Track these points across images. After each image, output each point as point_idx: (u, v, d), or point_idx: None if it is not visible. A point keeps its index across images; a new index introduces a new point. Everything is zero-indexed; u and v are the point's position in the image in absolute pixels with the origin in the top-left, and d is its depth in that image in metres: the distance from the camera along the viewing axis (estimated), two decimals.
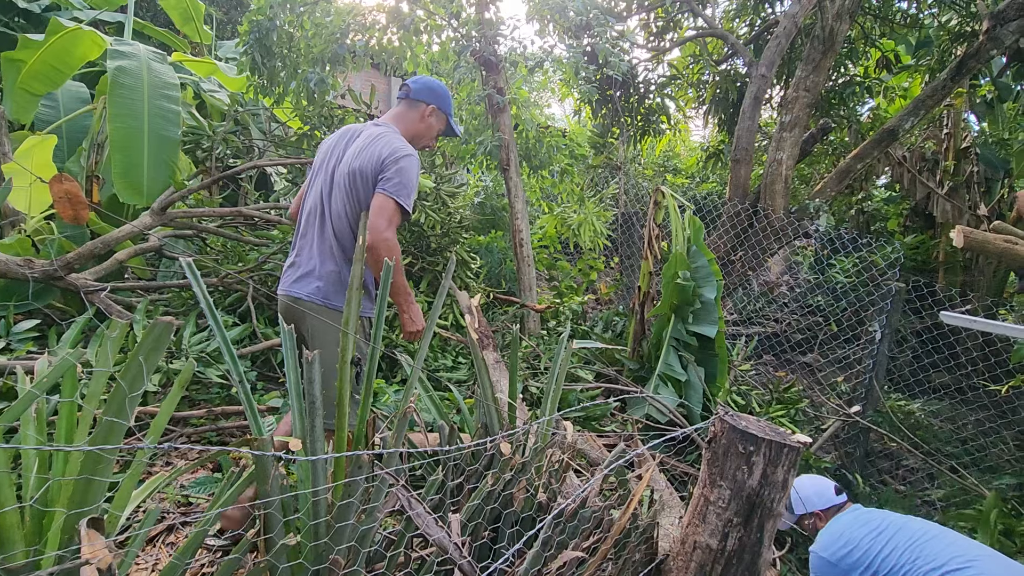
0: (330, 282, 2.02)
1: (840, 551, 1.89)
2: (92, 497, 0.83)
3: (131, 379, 0.82)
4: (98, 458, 0.81)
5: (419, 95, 2.27)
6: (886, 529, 1.88)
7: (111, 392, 0.82)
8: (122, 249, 3.96)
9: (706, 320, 4.04)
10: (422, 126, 2.28)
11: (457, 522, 1.34)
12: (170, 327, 0.95)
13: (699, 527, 1.50)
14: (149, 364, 0.91)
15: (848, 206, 8.55)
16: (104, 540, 0.83)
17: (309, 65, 4.39)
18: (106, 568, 0.77)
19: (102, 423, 0.79)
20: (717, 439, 1.48)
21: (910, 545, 1.80)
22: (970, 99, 6.78)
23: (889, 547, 1.82)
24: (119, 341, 1.03)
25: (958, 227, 2.37)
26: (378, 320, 1.43)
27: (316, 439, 1.39)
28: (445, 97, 2.32)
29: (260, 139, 5.11)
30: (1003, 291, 6.29)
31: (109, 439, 0.81)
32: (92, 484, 0.82)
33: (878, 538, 1.86)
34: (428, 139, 2.33)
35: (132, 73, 4.18)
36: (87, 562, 0.77)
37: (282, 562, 1.01)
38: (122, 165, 4.06)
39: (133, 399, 0.82)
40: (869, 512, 2.02)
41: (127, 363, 0.84)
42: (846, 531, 1.93)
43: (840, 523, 1.98)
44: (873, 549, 1.83)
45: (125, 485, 1.00)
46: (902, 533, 1.85)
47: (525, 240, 4.94)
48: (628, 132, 7.17)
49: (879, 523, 1.92)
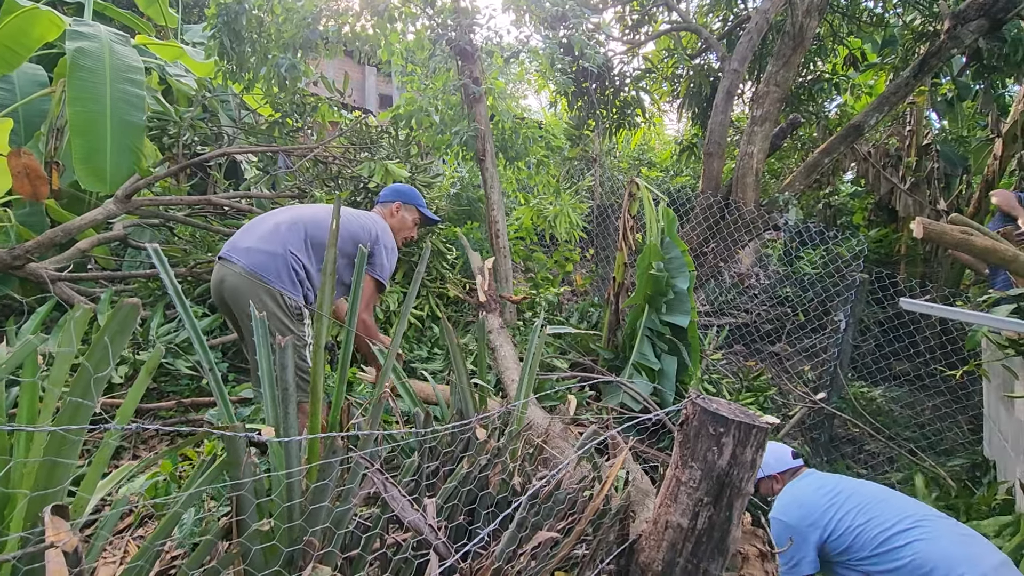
0: (267, 263, 2.22)
1: (798, 514, 1.98)
2: (57, 481, 0.81)
3: (96, 361, 0.80)
4: (63, 440, 0.79)
5: (384, 197, 2.80)
6: (840, 493, 1.98)
7: (76, 375, 0.80)
8: (85, 238, 3.84)
9: (679, 310, 4.12)
10: (394, 221, 2.71)
11: (433, 505, 1.35)
12: (136, 309, 0.93)
13: (671, 507, 1.53)
14: (115, 347, 0.89)
15: (816, 200, 8.78)
16: (68, 525, 0.81)
17: (280, 50, 4.29)
18: (72, 551, 0.76)
19: (67, 404, 0.77)
20: (689, 421, 1.51)
21: (863, 508, 1.90)
22: (932, 97, 7.01)
23: (843, 510, 1.92)
24: (83, 325, 1.00)
25: (918, 219, 2.46)
26: (352, 304, 1.42)
27: (290, 426, 1.38)
28: (408, 193, 2.81)
29: (229, 126, 4.98)
30: (960, 282, 6.55)
31: (75, 421, 0.79)
32: (57, 467, 0.80)
33: (833, 501, 1.95)
34: (406, 231, 2.79)
35: (93, 55, 4.03)
36: (52, 545, 0.76)
37: (255, 545, 1.00)
38: (83, 151, 3.91)
39: (99, 380, 0.80)
40: (823, 477, 2.11)
41: (92, 345, 0.82)
42: (802, 495, 2.03)
43: (797, 488, 2.07)
44: (828, 512, 1.93)
45: (93, 468, 0.98)
46: (855, 497, 1.95)
47: (501, 232, 4.94)
48: (604, 125, 7.21)
49: (833, 487, 2.01)
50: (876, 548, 1.83)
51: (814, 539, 1.94)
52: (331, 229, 1.35)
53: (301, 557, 1.07)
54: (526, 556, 1.42)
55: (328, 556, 1.07)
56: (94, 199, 4.41)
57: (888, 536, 1.81)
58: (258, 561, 1.09)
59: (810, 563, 1.96)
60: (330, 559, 1.07)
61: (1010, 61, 5.38)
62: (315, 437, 1.14)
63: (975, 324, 2.35)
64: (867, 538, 1.85)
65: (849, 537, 1.89)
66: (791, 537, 1.96)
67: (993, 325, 2.14)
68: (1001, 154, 6.19)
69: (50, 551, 0.76)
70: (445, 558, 1.25)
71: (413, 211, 2.79)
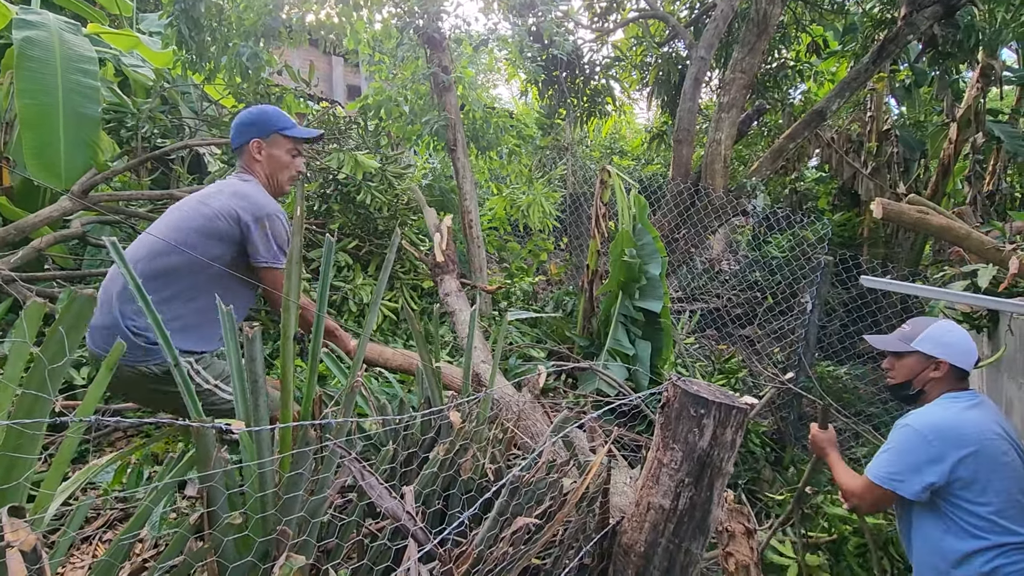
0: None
1: (948, 439, 1.68)
2: (16, 477, 0.78)
3: (51, 354, 0.77)
4: (20, 436, 0.76)
5: (236, 141, 1.98)
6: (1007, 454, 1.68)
7: (31, 369, 0.77)
8: (40, 236, 3.68)
9: (652, 295, 4.17)
10: (261, 167, 1.99)
11: (411, 493, 1.35)
12: (92, 301, 0.90)
13: (652, 488, 1.56)
14: (71, 340, 0.86)
15: (782, 186, 8.98)
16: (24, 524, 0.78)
17: (241, 39, 4.17)
18: (30, 549, 0.73)
19: (23, 398, 0.74)
20: (670, 403, 1.53)
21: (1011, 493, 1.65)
22: (890, 84, 7.22)
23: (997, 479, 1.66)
24: (36, 319, 0.96)
25: (877, 200, 2.54)
26: (323, 290, 1.40)
27: (260, 418, 1.35)
28: (263, 121, 1.98)
29: (191, 118, 4.83)
30: (919, 262, 6.80)
31: (32, 416, 0.75)
32: (16, 464, 0.77)
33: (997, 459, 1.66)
34: (284, 169, 2.02)
35: (42, 45, 3.85)
36: (9, 545, 0.73)
37: (228, 537, 0.98)
38: (35, 144, 3.74)
39: (55, 373, 0.77)
40: (993, 417, 1.76)
41: (47, 337, 0.79)
42: (969, 428, 1.68)
43: (968, 417, 1.72)
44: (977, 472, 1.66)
45: (54, 467, 0.94)
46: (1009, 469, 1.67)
47: (474, 221, 4.92)
48: (574, 113, 7.22)
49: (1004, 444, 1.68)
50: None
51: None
52: (296, 216, 1.32)
53: (275, 548, 1.05)
54: (506, 542, 1.43)
55: (304, 546, 1.06)
56: (49, 196, 4.23)
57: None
58: (231, 554, 1.07)
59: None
60: (306, 549, 1.06)
61: (963, 47, 5.57)
62: (288, 426, 1.12)
63: (932, 300, 2.43)
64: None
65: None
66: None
67: (947, 299, 2.23)
68: (956, 138, 6.41)
69: (9, 551, 0.74)
70: (423, 545, 1.25)
71: (279, 141, 1.98)
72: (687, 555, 1.48)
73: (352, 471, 1.18)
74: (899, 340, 1.83)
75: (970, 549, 1.65)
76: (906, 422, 1.77)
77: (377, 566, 1.17)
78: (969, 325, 2.45)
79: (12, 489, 0.78)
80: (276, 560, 0.97)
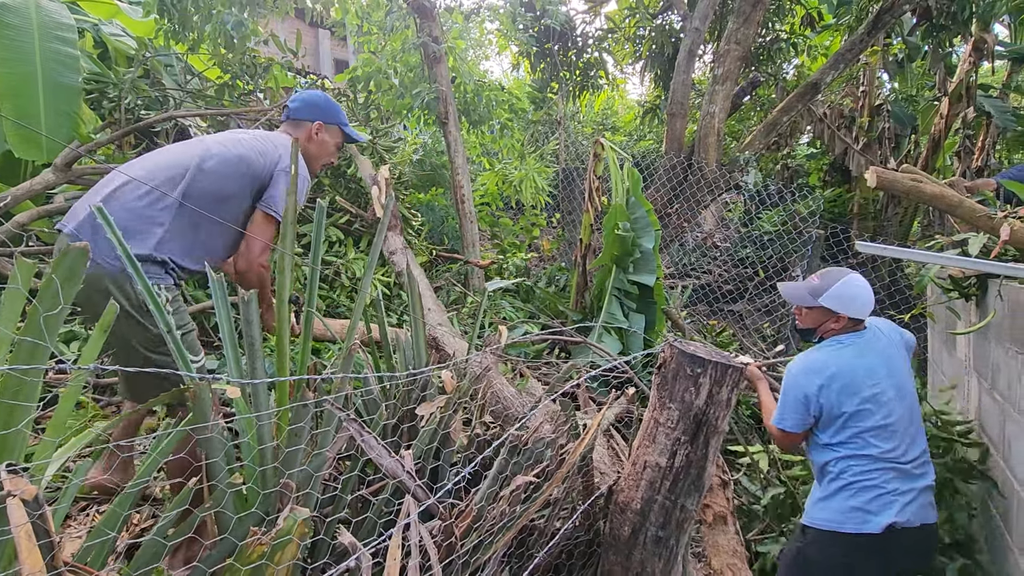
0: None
1: (813, 373, 1.85)
2: (16, 423, 0.77)
3: (48, 302, 0.75)
4: (20, 384, 0.75)
5: (298, 114, 2.13)
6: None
7: (26, 318, 0.75)
8: (22, 211, 3.60)
9: (645, 269, 4.18)
10: (312, 146, 2.13)
11: (410, 454, 1.36)
12: (85, 253, 0.88)
13: (649, 447, 1.58)
14: (65, 292, 0.84)
15: (774, 162, 8.97)
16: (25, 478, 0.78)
17: (225, 7, 4.05)
18: (32, 499, 0.73)
19: (21, 345, 0.73)
20: (667, 364, 1.55)
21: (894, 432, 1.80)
22: (883, 58, 7.17)
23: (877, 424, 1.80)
24: (28, 276, 0.94)
25: (872, 167, 2.54)
26: (314, 261, 1.38)
27: (257, 378, 1.35)
28: (329, 109, 2.17)
29: (175, 89, 4.70)
30: (908, 236, 6.86)
31: (31, 362, 0.74)
32: (16, 410, 0.76)
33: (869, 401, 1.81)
34: (326, 157, 2.19)
35: (17, 11, 3.71)
36: (10, 494, 0.73)
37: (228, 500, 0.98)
38: (14, 115, 3.64)
39: (51, 321, 0.75)
40: (877, 364, 1.88)
41: (41, 288, 0.77)
42: (835, 364, 1.85)
43: (841, 355, 1.88)
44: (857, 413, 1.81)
45: (56, 415, 0.94)
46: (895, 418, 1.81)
47: (467, 196, 4.87)
48: (567, 87, 7.13)
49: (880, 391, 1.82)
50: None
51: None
52: (291, 175, 1.30)
53: (277, 501, 1.06)
54: (505, 500, 1.45)
55: (307, 499, 1.06)
56: (30, 169, 4.13)
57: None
58: (229, 514, 1.08)
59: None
60: (309, 501, 1.06)
61: (957, 19, 5.54)
62: (285, 380, 1.11)
63: (923, 269, 2.46)
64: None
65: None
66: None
67: (938, 263, 2.25)
68: (947, 113, 6.41)
69: (10, 500, 0.73)
70: (422, 502, 1.26)
71: (336, 132, 2.18)
72: (683, 511, 1.51)
73: (351, 430, 1.18)
74: (808, 294, 1.97)
75: (827, 458, 1.86)
76: (788, 366, 1.98)
77: (380, 520, 1.18)
78: (958, 293, 2.48)
79: (12, 436, 0.77)
80: (279, 512, 0.98)
